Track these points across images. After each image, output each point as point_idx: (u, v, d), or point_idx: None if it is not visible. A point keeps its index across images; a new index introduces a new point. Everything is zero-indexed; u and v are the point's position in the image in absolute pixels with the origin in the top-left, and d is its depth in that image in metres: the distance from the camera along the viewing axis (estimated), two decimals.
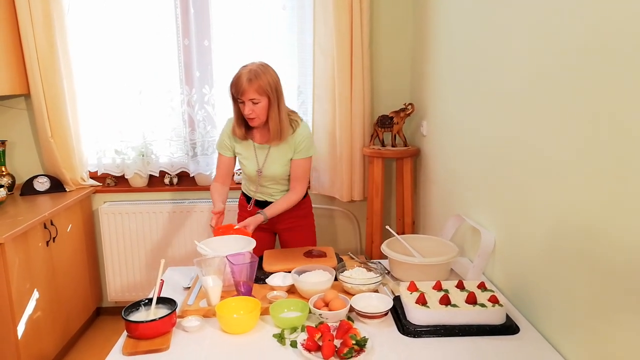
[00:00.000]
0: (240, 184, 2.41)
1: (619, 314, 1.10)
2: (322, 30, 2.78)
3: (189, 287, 1.79)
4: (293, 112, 2.19)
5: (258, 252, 1.90)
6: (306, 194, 2.35)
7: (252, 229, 2.03)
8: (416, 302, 1.46)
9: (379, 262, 1.90)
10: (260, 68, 1.98)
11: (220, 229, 2.01)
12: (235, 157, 2.23)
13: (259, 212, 2.12)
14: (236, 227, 2.01)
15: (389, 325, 1.48)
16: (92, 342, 2.92)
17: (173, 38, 2.89)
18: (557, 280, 1.36)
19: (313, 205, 3.08)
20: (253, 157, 2.16)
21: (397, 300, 1.58)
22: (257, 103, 1.98)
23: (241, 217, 2.32)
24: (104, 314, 3.25)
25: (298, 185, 2.20)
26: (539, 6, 1.43)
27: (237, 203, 2.42)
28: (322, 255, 1.93)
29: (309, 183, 3.05)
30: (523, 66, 1.53)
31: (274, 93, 2.00)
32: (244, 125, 2.11)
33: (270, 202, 2.22)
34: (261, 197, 2.26)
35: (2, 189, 2.56)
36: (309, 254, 1.93)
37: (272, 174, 2.17)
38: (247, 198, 2.32)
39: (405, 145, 2.80)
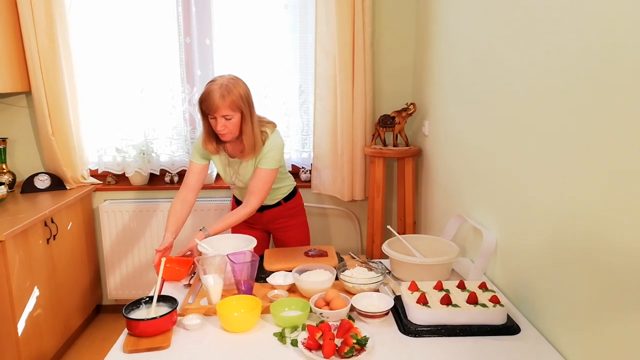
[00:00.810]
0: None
1: (621, 315, 1.10)
2: (324, 29, 2.78)
3: (190, 285, 1.79)
4: (268, 122, 2.10)
5: (255, 251, 1.89)
6: (296, 193, 2.33)
7: (197, 253, 1.88)
8: (417, 302, 1.46)
9: (380, 262, 1.90)
10: (231, 82, 1.90)
11: (163, 264, 1.69)
12: (207, 165, 2.14)
13: (202, 229, 1.97)
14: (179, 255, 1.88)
15: (390, 325, 1.48)
16: (92, 339, 2.92)
17: (174, 36, 2.89)
18: (559, 281, 1.35)
19: (314, 205, 3.11)
20: (226, 168, 2.13)
21: (398, 300, 1.58)
22: (230, 119, 1.89)
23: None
24: (104, 311, 3.25)
25: (252, 198, 2.02)
26: (542, 9, 1.43)
27: (230, 204, 2.37)
28: (323, 254, 1.93)
29: (310, 182, 3.05)
30: (526, 66, 1.53)
31: (246, 107, 1.92)
32: (215, 140, 2.02)
33: (260, 205, 2.15)
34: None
35: (2, 186, 2.55)
36: (309, 253, 1.93)
37: (246, 185, 2.11)
38: (237, 200, 2.29)
39: (407, 145, 2.80)
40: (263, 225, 2.29)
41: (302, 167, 3.13)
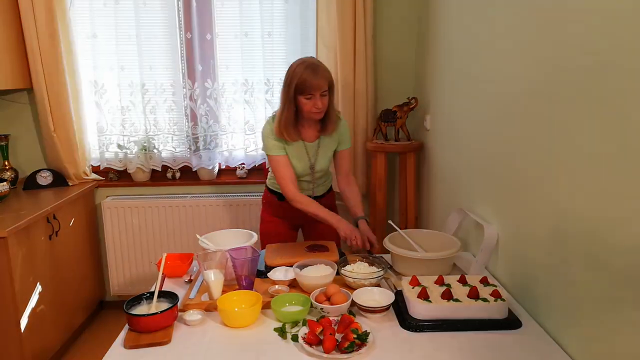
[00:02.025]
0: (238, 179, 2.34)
1: (622, 309, 1.09)
2: (325, 23, 2.76)
3: (191, 281, 1.79)
4: None
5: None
6: (331, 188, 2.34)
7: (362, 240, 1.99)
8: (418, 297, 1.45)
9: (381, 257, 1.90)
10: (316, 60, 1.99)
11: (164, 260, 1.66)
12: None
13: (360, 218, 2.12)
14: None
15: (391, 320, 1.48)
16: (95, 335, 2.94)
17: (175, 32, 2.88)
18: (560, 275, 1.35)
19: None
20: (304, 155, 2.11)
21: (399, 294, 1.57)
22: (325, 95, 1.96)
23: (270, 214, 2.28)
24: (106, 307, 3.26)
25: (351, 176, 2.25)
26: (544, 3, 1.41)
27: (262, 201, 2.33)
28: (324, 249, 1.93)
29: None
30: (527, 61, 1.52)
31: (333, 82, 2.01)
32: (295, 126, 2.04)
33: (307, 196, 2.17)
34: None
35: (5, 183, 2.56)
36: (310, 248, 1.93)
37: (321, 168, 2.16)
38: (278, 195, 2.23)
39: (409, 140, 2.79)
40: (298, 220, 2.26)
41: None
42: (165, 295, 1.52)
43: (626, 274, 1.07)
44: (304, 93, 1.93)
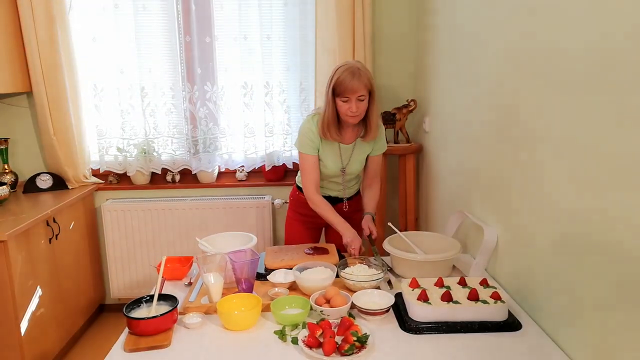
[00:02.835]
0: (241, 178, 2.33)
1: (622, 312, 1.09)
2: (324, 26, 2.77)
3: (191, 284, 1.79)
4: None
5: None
6: (359, 191, 2.35)
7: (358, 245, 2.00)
8: (418, 299, 1.45)
9: (381, 259, 1.89)
10: (359, 65, 1.98)
11: (163, 263, 1.66)
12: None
13: (367, 214, 2.15)
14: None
15: (391, 322, 1.48)
16: (95, 339, 2.93)
17: (174, 34, 2.89)
18: (560, 277, 1.35)
19: None
20: (337, 156, 2.12)
21: (398, 297, 1.57)
22: (362, 100, 1.96)
23: (296, 212, 2.31)
24: (107, 310, 3.25)
25: (377, 179, 2.26)
26: (544, 4, 1.41)
27: (289, 198, 2.36)
28: (324, 252, 1.93)
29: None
30: (528, 63, 1.52)
31: (374, 89, 2.01)
32: (336, 127, 2.05)
33: (335, 197, 2.22)
34: (325, 193, 2.22)
35: (4, 186, 2.56)
36: (310, 251, 1.93)
37: (352, 171, 2.18)
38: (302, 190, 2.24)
39: (408, 142, 2.80)
40: (323, 220, 2.25)
41: None
42: (165, 298, 1.52)
43: (627, 276, 1.07)
44: (341, 95, 1.95)
